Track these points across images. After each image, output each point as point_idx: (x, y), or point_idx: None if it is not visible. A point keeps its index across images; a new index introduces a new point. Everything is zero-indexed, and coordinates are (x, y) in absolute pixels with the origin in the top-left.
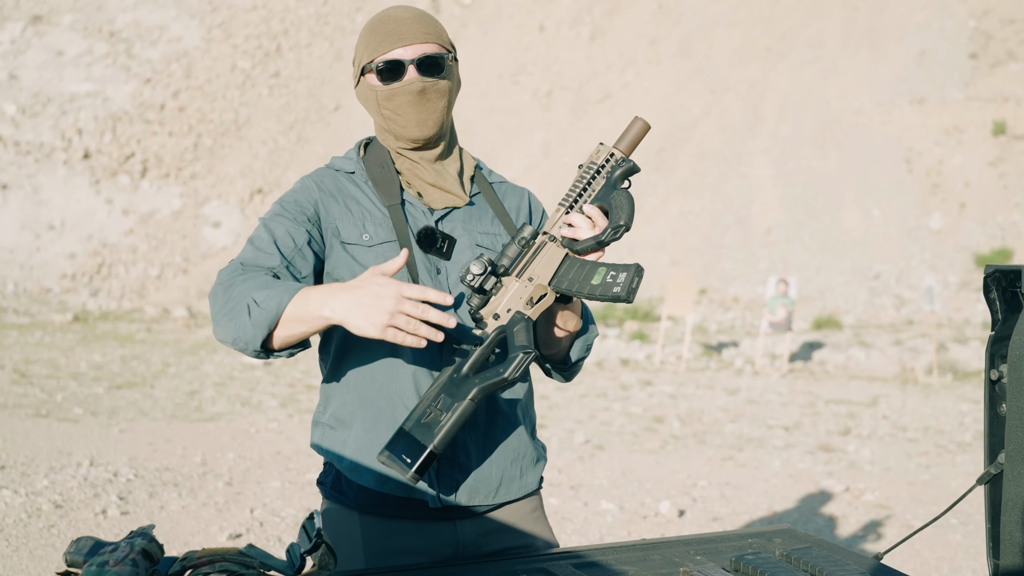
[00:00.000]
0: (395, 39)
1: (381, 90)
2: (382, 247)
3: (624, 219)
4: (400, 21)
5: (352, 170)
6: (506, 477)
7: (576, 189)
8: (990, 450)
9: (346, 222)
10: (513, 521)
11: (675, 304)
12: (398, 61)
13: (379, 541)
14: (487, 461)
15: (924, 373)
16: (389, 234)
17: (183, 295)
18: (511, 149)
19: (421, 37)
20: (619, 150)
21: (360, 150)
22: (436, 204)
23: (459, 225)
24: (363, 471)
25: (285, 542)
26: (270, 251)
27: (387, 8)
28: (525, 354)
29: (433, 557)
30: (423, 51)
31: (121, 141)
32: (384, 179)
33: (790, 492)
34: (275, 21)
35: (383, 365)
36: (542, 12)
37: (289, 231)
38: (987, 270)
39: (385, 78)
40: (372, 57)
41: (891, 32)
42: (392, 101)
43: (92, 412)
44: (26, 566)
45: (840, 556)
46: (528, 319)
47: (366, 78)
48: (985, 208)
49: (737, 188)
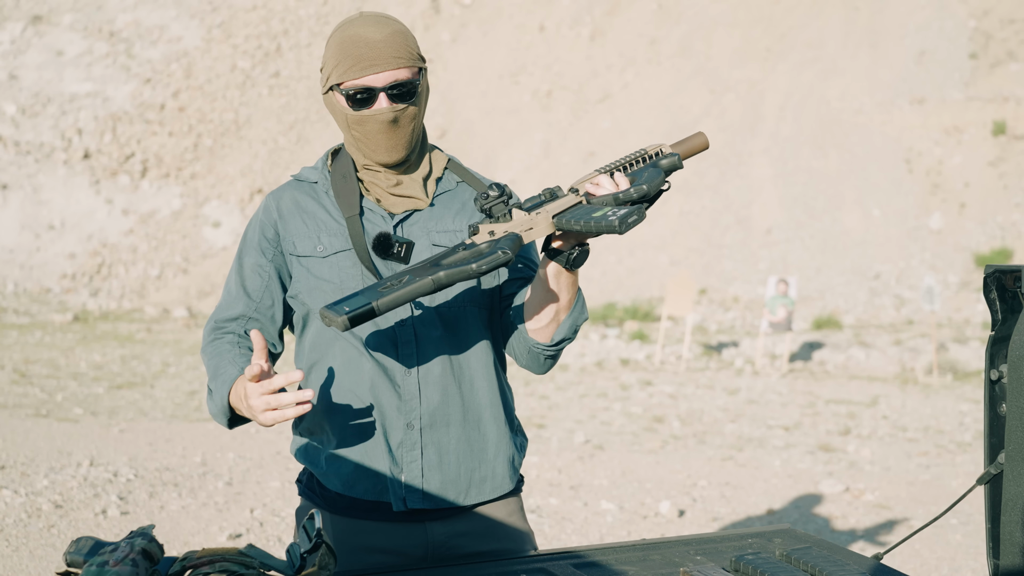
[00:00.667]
0: (366, 64)
1: (351, 114)
2: (336, 257)
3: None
4: (371, 45)
5: (315, 180)
6: (476, 477)
7: (618, 162)
8: (990, 450)
9: (301, 236)
10: (488, 524)
11: (675, 304)
12: (369, 88)
13: (349, 539)
14: (455, 461)
15: (924, 373)
16: (344, 243)
17: (183, 295)
18: (511, 149)
19: (392, 63)
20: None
21: (329, 158)
22: (396, 208)
23: (419, 228)
24: (331, 476)
25: (285, 542)
26: (237, 297)
27: (357, 22)
28: (502, 253)
29: (402, 557)
30: (394, 78)
31: (121, 141)
32: (345, 190)
33: (790, 492)
34: (275, 21)
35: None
36: (542, 12)
37: (256, 267)
38: (987, 270)
39: (355, 104)
40: (341, 80)
41: (891, 32)
42: (362, 127)
43: (92, 412)
44: (26, 566)
45: (840, 556)
46: (519, 236)
47: (335, 95)
48: (985, 208)
49: (737, 188)
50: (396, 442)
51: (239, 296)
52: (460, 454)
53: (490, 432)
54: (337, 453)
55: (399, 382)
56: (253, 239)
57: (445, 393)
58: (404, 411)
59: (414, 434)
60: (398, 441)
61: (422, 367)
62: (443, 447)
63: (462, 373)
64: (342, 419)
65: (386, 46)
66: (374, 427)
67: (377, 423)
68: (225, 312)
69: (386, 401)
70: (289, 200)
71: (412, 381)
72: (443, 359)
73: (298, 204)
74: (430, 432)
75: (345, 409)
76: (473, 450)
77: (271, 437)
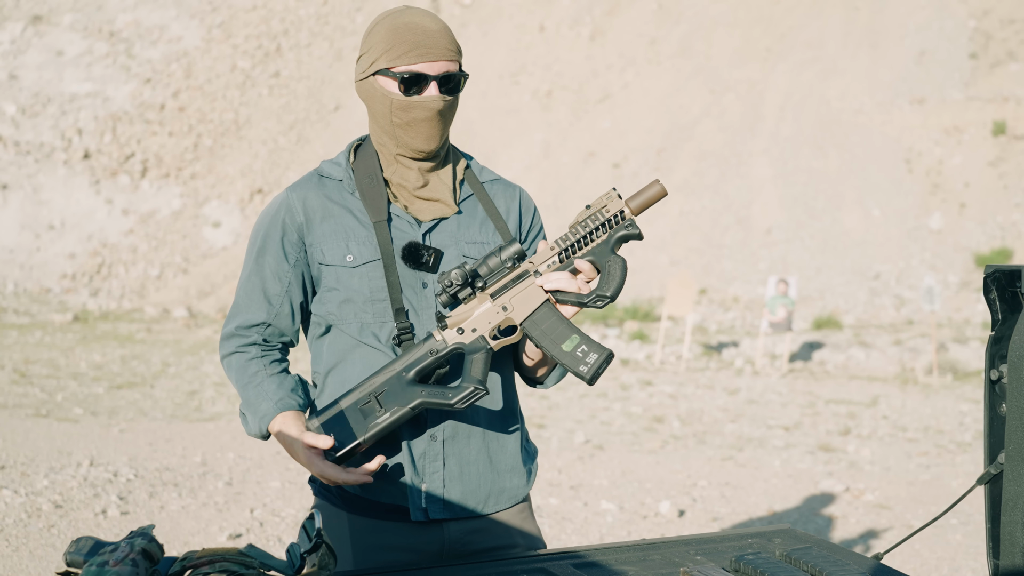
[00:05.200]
0: (423, 52)
1: (398, 99)
2: (366, 267)
3: (611, 291)
4: (428, 33)
5: (340, 178)
6: (495, 489)
7: (576, 235)
8: (990, 450)
9: (330, 243)
10: (501, 521)
11: (675, 304)
12: (423, 75)
13: (366, 538)
14: (476, 472)
15: (924, 373)
16: (373, 252)
17: (183, 295)
18: (511, 149)
19: (447, 54)
20: (630, 208)
21: (350, 154)
22: (424, 216)
23: (447, 236)
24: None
25: (285, 542)
26: (258, 302)
27: (410, 12)
28: (476, 389)
29: (419, 554)
30: (447, 68)
31: (121, 141)
32: (372, 192)
33: (790, 492)
34: (275, 21)
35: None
36: (542, 12)
37: (278, 272)
38: (987, 270)
39: (407, 89)
40: (394, 64)
41: (891, 32)
42: (408, 112)
43: (92, 412)
44: (26, 566)
45: (840, 556)
46: (489, 350)
47: (379, 79)
48: (985, 208)
49: (737, 188)
50: (419, 452)
51: (259, 302)
52: (481, 465)
53: (509, 443)
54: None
55: None
56: (274, 240)
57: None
58: (429, 421)
59: (437, 445)
60: (421, 451)
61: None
62: (464, 459)
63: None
64: None
65: (442, 37)
66: (396, 436)
67: (402, 431)
68: (244, 317)
69: None
70: (315, 202)
71: None
72: None
73: (324, 207)
74: (452, 443)
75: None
76: (493, 461)
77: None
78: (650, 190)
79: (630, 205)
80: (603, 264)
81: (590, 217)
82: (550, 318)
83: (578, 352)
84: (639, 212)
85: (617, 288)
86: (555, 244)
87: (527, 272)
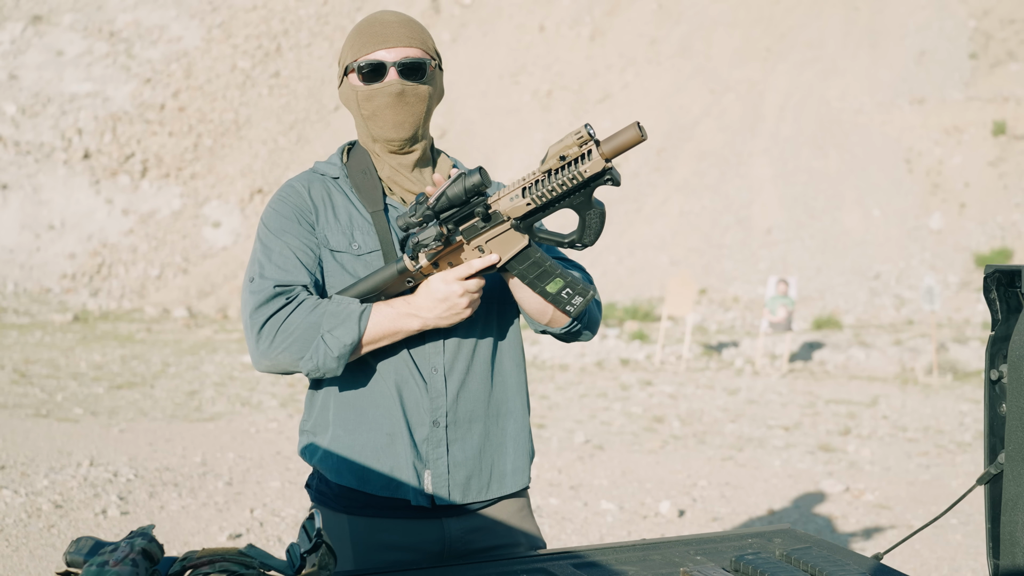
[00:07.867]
0: (379, 41)
1: (361, 90)
2: (370, 256)
3: (589, 239)
4: (386, 24)
5: (336, 175)
6: (497, 472)
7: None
8: (990, 450)
9: (334, 231)
10: (501, 519)
11: (675, 304)
12: (380, 63)
13: (366, 537)
14: (478, 456)
15: (924, 373)
16: (375, 243)
17: (183, 295)
18: (511, 149)
19: (405, 41)
20: (602, 152)
21: (343, 155)
22: None
23: None
24: (344, 473)
25: (285, 542)
26: (296, 268)
27: (377, 12)
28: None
29: (420, 553)
30: (405, 54)
31: (121, 141)
32: (367, 185)
33: (790, 492)
34: (275, 21)
35: (365, 371)
36: (542, 12)
37: (305, 244)
38: (987, 270)
39: (366, 78)
40: (355, 57)
41: (891, 32)
42: (371, 102)
43: (92, 412)
44: (26, 566)
45: (840, 556)
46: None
47: (349, 78)
48: (985, 208)
49: (737, 188)
50: (421, 438)
51: (299, 269)
52: (483, 449)
53: (509, 426)
54: (354, 448)
55: (426, 379)
56: (290, 219)
57: (472, 391)
58: (431, 408)
59: (439, 431)
60: (423, 437)
61: (449, 364)
62: (467, 443)
63: (488, 370)
64: (357, 414)
65: (401, 27)
66: (399, 423)
67: (403, 419)
68: (285, 277)
69: (412, 397)
70: (319, 190)
71: (439, 378)
72: (469, 356)
73: (326, 197)
74: (455, 429)
75: (369, 404)
76: (495, 445)
77: (271, 437)
78: (625, 134)
79: (603, 150)
80: (582, 213)
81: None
82: (531, 259)
83: (563, 294)
84: (612, 157)
85: (594, 236)
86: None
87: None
